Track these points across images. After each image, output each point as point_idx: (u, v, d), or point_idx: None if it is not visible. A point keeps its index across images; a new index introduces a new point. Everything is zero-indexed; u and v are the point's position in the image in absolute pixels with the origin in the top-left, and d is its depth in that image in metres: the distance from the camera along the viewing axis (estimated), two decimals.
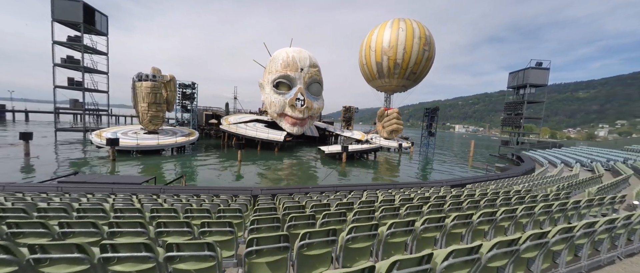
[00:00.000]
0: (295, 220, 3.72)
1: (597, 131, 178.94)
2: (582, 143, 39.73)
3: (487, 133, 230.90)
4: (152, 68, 24.78)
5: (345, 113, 45.51)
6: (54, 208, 4.57)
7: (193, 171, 17.81)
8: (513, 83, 38.60)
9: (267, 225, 3.72)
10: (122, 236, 3.35)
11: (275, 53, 34.07)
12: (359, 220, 4.18)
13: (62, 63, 27.02)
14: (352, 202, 5.52)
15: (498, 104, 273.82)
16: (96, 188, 7.57)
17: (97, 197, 6.63)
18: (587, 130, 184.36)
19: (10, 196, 6.49)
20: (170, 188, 8.05)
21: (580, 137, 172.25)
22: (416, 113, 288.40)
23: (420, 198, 6.69)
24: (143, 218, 4.35)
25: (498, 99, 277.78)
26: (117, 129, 24.61)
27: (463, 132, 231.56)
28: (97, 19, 28.71)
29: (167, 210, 4.73)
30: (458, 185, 10.77)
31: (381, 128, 40.39)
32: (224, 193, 7.90)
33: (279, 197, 6.94)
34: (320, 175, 19.69)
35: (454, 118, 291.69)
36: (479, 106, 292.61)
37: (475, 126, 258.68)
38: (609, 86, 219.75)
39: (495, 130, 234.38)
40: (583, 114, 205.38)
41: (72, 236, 3.26)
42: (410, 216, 4.83)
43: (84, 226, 3.30)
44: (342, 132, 40.20)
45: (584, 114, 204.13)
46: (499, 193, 7.81)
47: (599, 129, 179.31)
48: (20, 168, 15.51)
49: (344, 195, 7.55)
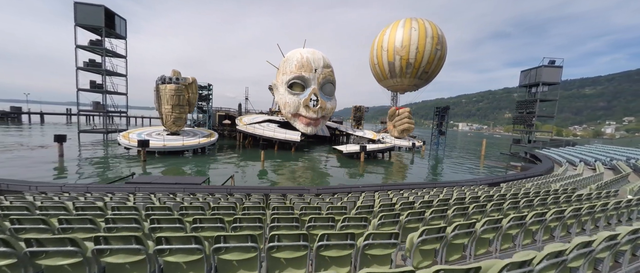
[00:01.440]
0: (314, 220, 3.81)
1: (604, 128, 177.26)
2: (596, 141, 39.65)
3: (491, 130, 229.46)
4: (173, 71, 25.34)
5: (355, 112, 45.87)
6: (127, 207, 5.06)
7: (218, 170, 18.36)
8: (525, 81, 38.70)
9: (286, 224, 3.92)
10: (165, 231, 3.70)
11: (289, 54, 34.49)
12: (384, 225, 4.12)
13: (84, 67, 27.70)
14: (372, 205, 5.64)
15: (502, 101, 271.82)
16: (159, 188, 8.08)
17: (152, 197, 7.12)
18: (594, 127, 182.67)
19: (80, 196, 7.01)
20: (221, 188, 8.53)
21: (587, 134, 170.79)
22: (419, 110, 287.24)
23: (445, 199, 6.50)
24: (203, 214, 4.76)
25: (502, 97, 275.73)
26: (141, 131, 25.26)
27: (467, 130, 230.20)
28: (116, 22, 29.35)
29: (226, 208, 5.12)
30: (492, 183, 11.13)
31: (392, 127, 40.70)
32: (256, 192, 8.33)
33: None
34: (339, 174, 20.14)
35: (458, 116, 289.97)
36: (482, 104, 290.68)
37: (479, 124, 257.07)
38: (616, 82, 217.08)
39: (499, 128, 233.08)
40: (589, 111, 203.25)
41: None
42: (436, 220, 4.67)
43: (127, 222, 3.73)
44: (353, 131, 40.54)
45: (590, 111, 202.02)
46: (540, 193, 8.17)
47: (605, 126, 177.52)
48: (57, 169, 16.15)
49: (369, 196, 7.62)
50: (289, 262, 2.88)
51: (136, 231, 3.65)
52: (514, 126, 40.76)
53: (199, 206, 4.97)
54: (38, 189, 7.40)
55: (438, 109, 42.43)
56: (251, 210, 4.97)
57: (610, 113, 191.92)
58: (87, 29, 27.81)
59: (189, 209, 4.90)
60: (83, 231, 3.57)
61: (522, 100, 38.73)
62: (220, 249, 2.70)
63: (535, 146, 35.00)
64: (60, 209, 4.64)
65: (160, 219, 3.71)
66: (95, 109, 28.46)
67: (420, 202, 5.90)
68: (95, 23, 27.09)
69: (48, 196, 6.48)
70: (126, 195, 7.39)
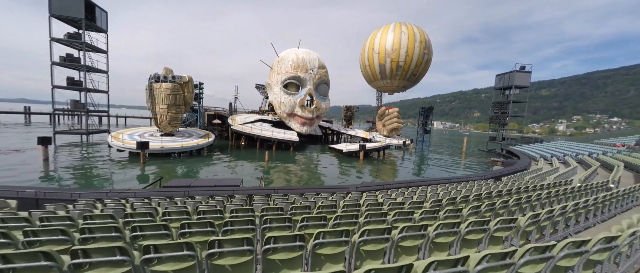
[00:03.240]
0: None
1: (557, 126, 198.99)
2: (561, 138, 44.67)
3: (462, 128, 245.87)
4: (165, 68, 24.15)
5: (346, 111, 46.88)
6: (176, 211, 4.78)
7: (220, 172, 18.08)
8: (500, 84, 42.40)
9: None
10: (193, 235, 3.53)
11: (283, 54, 34.37)
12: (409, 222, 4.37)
13: (61, 62, 25.30)
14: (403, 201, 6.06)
15: (472, 101, 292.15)
16: (196, 191, 8.05)
17: (193, 200, 7.20)
18: (549, 125, 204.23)
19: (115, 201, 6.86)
20: (246, 189, 8.69)
21: (543, 131, 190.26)
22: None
23: (451, 198, 6.68)
24: (252, 216, 4.60)
25: (472, 97, 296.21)
26: (133, 131, 23.75)
27: (441, 128, 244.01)
28: (97, 14, 27.15)
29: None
30: (493, 177, 12.47)
31: (381, 126, 42.33)
32: (292, 192, 8.68)
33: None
34: (340, 172, 20.83)
35: (433, 115, 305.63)
36: (454, 104, 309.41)
37: (452, 123, 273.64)
38: (567, 85, 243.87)
39: (469, 126, 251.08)
40: (545, 110, 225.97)
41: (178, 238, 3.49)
42: (453, 219, 4.69)
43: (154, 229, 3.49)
44: (346, 131, 41.49)
45: (546, 111, 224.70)
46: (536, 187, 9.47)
47: (558, 124, 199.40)
48: (42, 175, 14.87)
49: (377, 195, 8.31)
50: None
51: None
52: (490, 125, 44.49)
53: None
54: (81, 197, 6.99)
55: (423, 109, 44.88)
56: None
57: (562, 113, 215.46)
58: (63, 20, 25.41)
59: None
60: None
61: (497, 101, 42.43)
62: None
63: (509, 143, 38.64)
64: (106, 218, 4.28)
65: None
66: (74, 108, 26.12)
67: (432, 201, 6.60)
68: (74, 15, 24.80)
69: (89, 203, 6.23)
70: (169, 199, 7.31)
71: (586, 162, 19.04)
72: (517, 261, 2.25)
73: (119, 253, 2.30)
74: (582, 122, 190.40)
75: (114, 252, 2.30)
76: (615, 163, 15.49)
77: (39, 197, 6.79)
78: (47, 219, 4.07)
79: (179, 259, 2.49)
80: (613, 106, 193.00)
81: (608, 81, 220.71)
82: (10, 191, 6.88)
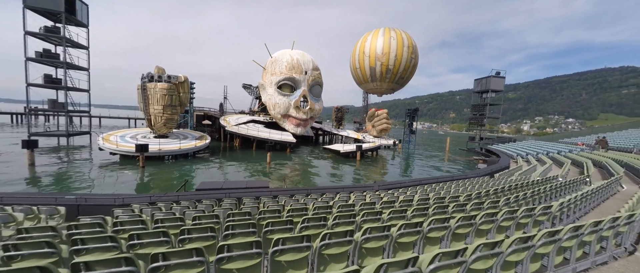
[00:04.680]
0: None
1: (522, 126, 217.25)
2: (530, 138, 49.12)
3: (439, 128, 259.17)
4: (157, 67, 23.20)
5: (336, 112, 47.76)
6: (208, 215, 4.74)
7: (222, 175, 17.97)
8: (478, 88, 45.77)
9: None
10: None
11: (277, 55, 34.35)
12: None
13: (37, 57, 23.29)
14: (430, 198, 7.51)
15: (448, 103, 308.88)
16: (228, 194, 8.24)
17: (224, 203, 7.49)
18: (515, 125, 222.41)
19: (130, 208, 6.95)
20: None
21: (511, 131, 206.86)
22: None
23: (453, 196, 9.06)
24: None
25: (448, 99, 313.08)
26: (124, 133, 22.49)
27: (421, 128, 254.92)
28: (77, 7, 25.32)
29: (172, 220, 4.56)
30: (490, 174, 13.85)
31: (371, 127, 43.75)
32: (315, 193, 9.21)
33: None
34: (340, 173, 21.57)
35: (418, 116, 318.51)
36: (432, 105, 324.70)
37: (430, 123, 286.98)
38: (530, 88, 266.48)
39: (446, 126, 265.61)
40: (512, 112, 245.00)
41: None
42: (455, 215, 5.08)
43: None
44: (338, 131, 42.33)
45: (512, 112, 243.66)
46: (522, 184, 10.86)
47: (523, 125, 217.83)
48: (29, 181, 13.87)
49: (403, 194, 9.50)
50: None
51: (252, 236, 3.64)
52: (469, 125, 47.83)
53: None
54: (124, 201, 6.83)
55: (409, 110, 47.08)
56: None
57: (526, 114, 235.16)
58: (39, 12, 23.42)
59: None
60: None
61: (476, 104, 45.77)
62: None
63: (487, 143, 41.90)
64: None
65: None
66: (51, 108, 24.14)
67: (450, 197, 7.64)
68: (52, 7, 22.98)
69: (129, 209, 6.22)
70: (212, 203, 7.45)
71: (557, 160, 21.53)
72: (505, 250, 2.51)
73: (255, 246, 2.68)
74: (543, 122, 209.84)
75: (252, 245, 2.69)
76: (583, 161, 17.82)
77: (80, 204, 6.57)
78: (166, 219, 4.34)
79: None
80: (568, 108, 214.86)
81: (564, 85, 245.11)
82: (48, 199, 6.56)
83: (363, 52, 39.04)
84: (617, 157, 17.87)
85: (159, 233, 3.30)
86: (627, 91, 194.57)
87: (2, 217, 4.81)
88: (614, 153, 21.04)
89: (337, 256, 3.04)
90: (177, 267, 2.40)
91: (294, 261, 2.85)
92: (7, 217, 4.90)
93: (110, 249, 3.11)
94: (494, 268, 2.47)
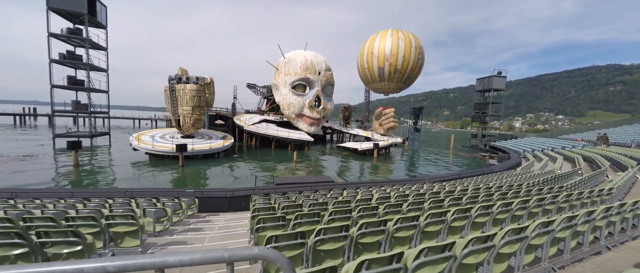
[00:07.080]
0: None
1: (514, 122, 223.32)
2: (530, 135, 51.22)
3: (434, 126, 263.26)
4: (180, 69, 23.64)
5: (344, 111, 48.78)
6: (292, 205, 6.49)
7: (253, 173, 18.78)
8: (480, 87, 47.49)
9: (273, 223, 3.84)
10: None
11: (290, 55, 35.03)
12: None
13: (60, 59, 23.43)
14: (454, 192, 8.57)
15: (442, 100, 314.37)
16: (290, 188, 9.13)
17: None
18: (507, 122, 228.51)
19: None
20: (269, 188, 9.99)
21: (504, 128, 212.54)
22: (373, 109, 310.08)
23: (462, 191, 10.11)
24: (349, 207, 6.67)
25: (441, 97, 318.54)
26: (154, 133, 22.94)
27: None
28: (98, 9, 25.46)
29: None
30: (507, 169, 15.11)
31: (378, 126, 44.98)
32: (364, 186, 10.22)
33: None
34: (367, 168, 22.64)
35: (407, 114, 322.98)
36: (426, 103, 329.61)
37: (425, 121, 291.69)
38: (521, 86, 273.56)
39: (440, 123, 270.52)
40: (504, 109, 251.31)
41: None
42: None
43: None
44: (348, 130, 43.37)
45: (504, 109, 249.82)
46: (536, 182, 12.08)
47: (515, 121, 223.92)
48: (73, 181, 14.42)
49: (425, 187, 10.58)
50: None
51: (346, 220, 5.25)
52: (472, 123, 49.60)
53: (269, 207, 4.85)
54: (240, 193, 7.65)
55: (414, 109, 48.54)
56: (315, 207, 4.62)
57: (518, 111, 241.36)
58: (62, 14, 23.52)
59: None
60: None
61: (478, 102, 47.51)
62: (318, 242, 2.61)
63: (490, 140, 43.67)
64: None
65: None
66: (75, 109, 24.32)
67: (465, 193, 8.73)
68: (75, 8, 23.09)
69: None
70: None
71: (567, 155, 23.10)
72: (498, 242, 2.40)
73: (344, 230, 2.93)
74: (534, 119, 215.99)
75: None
76: (592, 156, 19.33)
77: (197, 196, 7.34)
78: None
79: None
80: (558, 105, 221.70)
81: (554, 83, 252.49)
82: (172, 193, 7.30)
83: (371, 53, 40.03)
84: (624, 152, 19.42)
85: (281, 218, 3.89)
86: (613, 89, 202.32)
87: (157, 212, 5.63)
88: (617, 148, 22.71)
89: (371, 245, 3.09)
90: (329, 241, 2.80)
91: (371, 243, 3.12)
92: (160, 211, 5.72)
93: (279, 227, 3.87)
94: (485, 261, 2.36)
